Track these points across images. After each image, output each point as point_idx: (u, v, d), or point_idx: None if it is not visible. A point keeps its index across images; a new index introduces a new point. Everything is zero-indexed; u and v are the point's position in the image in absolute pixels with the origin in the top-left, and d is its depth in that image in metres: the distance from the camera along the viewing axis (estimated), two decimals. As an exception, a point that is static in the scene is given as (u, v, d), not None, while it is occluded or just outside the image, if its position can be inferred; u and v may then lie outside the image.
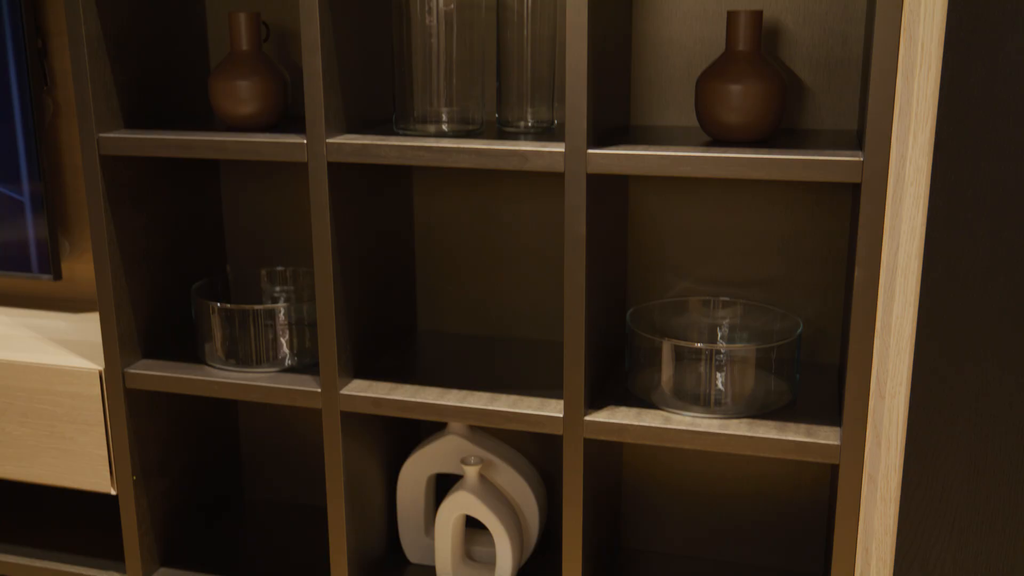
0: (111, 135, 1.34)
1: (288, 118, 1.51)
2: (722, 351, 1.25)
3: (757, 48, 1.21)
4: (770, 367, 1.27)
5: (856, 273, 1.12)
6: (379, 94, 1.40)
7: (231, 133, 1.33)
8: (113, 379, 1.43)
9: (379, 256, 1.44)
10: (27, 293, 1.80)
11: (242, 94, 1.35)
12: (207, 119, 1.50)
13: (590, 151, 1.17)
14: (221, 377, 1.39)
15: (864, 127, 1.11)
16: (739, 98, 1.18)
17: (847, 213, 1.38)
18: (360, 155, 1.25)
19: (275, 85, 1.37)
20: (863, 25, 1.31)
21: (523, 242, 1.51)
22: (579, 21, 1.14)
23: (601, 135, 1.25)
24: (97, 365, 1.45)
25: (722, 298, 1.42)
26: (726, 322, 1.42)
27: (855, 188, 1.23)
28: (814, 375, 1.38)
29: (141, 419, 1.47)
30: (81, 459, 1.48)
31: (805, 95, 1.35)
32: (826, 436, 1.19)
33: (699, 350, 1.26)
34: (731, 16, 1.21)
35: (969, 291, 1.09)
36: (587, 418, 1.25)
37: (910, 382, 1.12)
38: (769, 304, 1.42)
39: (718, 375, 1.25)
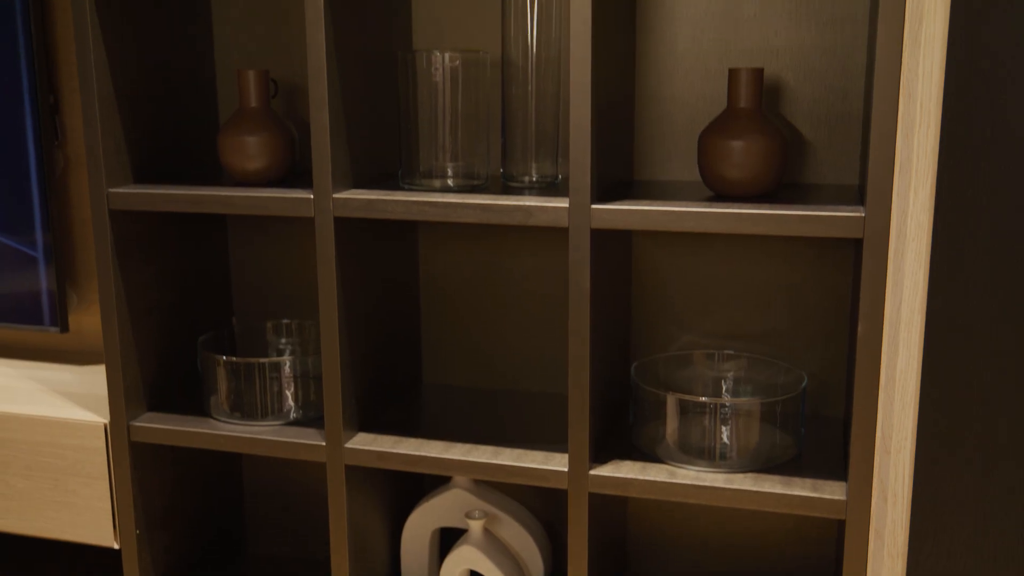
0: (120, 190, 1.36)
1: (295, 172, 1.53)
2: (727, 405, 1.25)
3: (758, 105, 1.23)
4: (775, 420, 1.27)
5: (859, 327, 1.12)
6: (385, 148, 1.42)
7: (239, 188, 1.35)
8: (118, 432, 1.43)
9: (384, 309, 1.44)
10: (34, 345, 1.81)
11: (250, 150, 1.37)
12: (215, 173, 1.52)
13: (594, 206, 1.18)
14: (226, 430, 1.39)
15: (865, 182, 1.12)
16: (741, 154, 1.20)
17: (849, 266, 1.38)
18: (366, 210, 1.26)
19: (283, 141, 1.39)
20: (863, 81, 1.33)
21: (528, 295, 1.52)
22: (583, 79, 1.16)
23: (605, 189, 1.26)
24: (102, 418, 1.46)
25: (726, 351, 1.43)
26: (730, 375, 1.42)
27: (857, 242, 1.24)
28: (819, 428, 1.38)
29: (145, 472, 1.47)
30: (84, 513, 1.48)
31: (807, 150, 1.37)
32: (832, 491, 1.19)
33: (704, 404, 1.26)
34: (732, 74, 1.22)
35: (973, 344, 1.09)
36: (592, 472, 1.25)
37: (915, 436, 1.11)
38: (773, 357, 1.42)
39: (723, 429, 1.25)
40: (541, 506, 1.58)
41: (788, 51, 1.35)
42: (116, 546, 1.47)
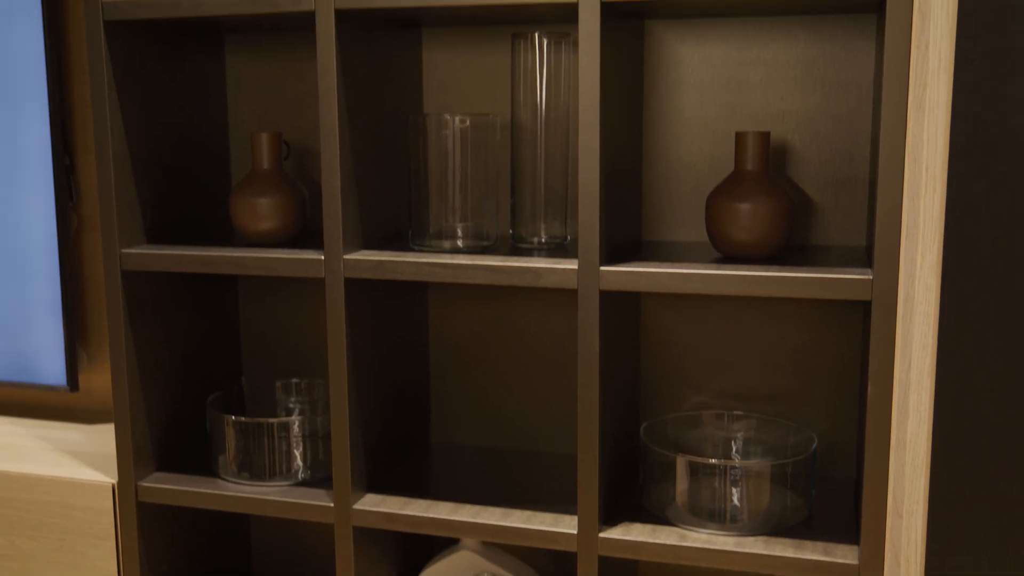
0: (133, 250, 1.37)
1: (306, 232, 1.54)
2: (737, 466, 1.25)
3: (765, 167, 1.24)
4: (785, 482, 1.26)
5: (869, 390, 1.12)
6: (396, 208, 1.44)
7: (250, 249, 1.36)
8: (126, 493, 1.42)
9: (394, 369, 1.45)
10: (43, 403, 1.81)
11: (262, 211, 1.38)
12: (227, 231, 1.54)
13: (603, 268, 1.19)
14: (234, 491, 1.39)
15: (873, 244, 1.13)
16: (748, 216, 1.21)
17: (858, 327, 1.39)
18: (376, 271, 1.27)
19: (294, 202, 1.40)
20: (869, 145, 1.34)
21: (537, 355, 1.52)
22: (591, 143, 1.17)
23: (613, 251, 1.27)
24: (110, 478, 1.45)
25: (736, 412, 1.42)
26: (740, 436, 1.42)
27: (866, 304, 1.24)
28: (830, 490, 1.37)
29: (153, 533, 1.46)
30: (90, 574, 1.47)
31: (814, 211, 1.38)
32: (844, 555, 1.18)
33: (714, 465, 1.25)
34: (739, 137, 1.24)
35: (983, 407, 1.09)
36: (601, 535, 1.24)
37: (927, 500, 1.11)
38: (783, 418, 1.42)
39: (733, 491, 1.25)
40: (551, 568, 1.57)
41: (794, 115, 1.36)
42: (121, 608, 1.46)
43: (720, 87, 1.38)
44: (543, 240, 1.35)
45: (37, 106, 1.58)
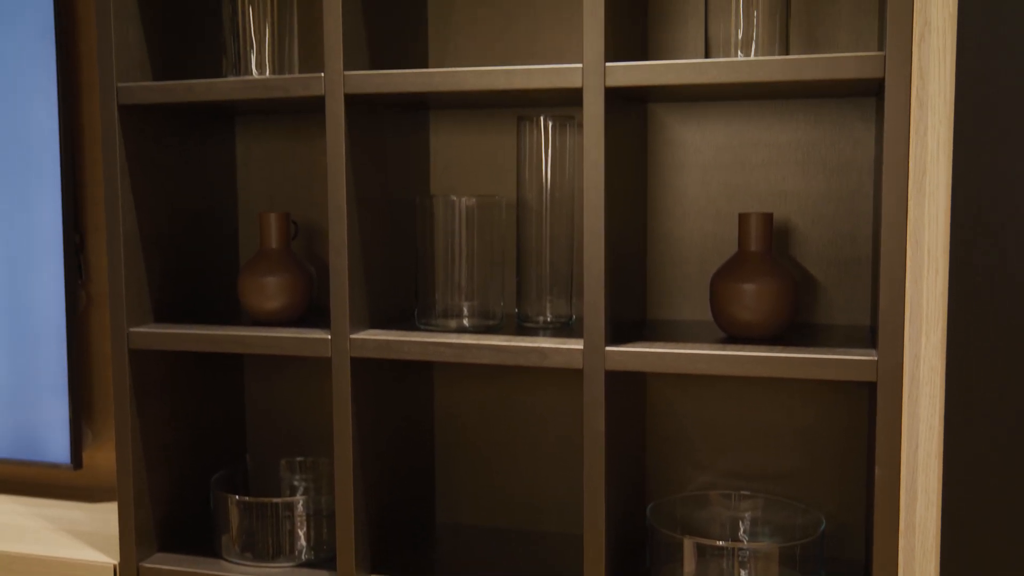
0: (141, 329, 1.38)
1: (313, 310, 1.55)
2: (745, 548, 1.23)
3: (768, 248, 1.25)
4: (794, 564, 1.25)
5: (876, 472, 1.11)
6: (402, 286, 1.45)
7: (257, 328, 1.37)
8: (127, 574, 1.41)
9: (399, 447, 1.44)
10: (45, 481, 1.80)
11: (269, 290, 1.39)
12: (234, 310, 1.55)
13: (608, 348, 1.19)
14: (236, 572, 1.37)
15: (877, 324, 1.13)
16: (752, 297, 1.21)
17: (864, 406, 1.38)
18: (383, 351, 1.28)
19: (301, 281, 1.42)
20: (870, 225, 1.35)
21: (543, 434, 1.52)
22: (596, 224, 1.19)
23: (618, 330, 1.27)
24: (112, 559, 1.44)
25: (743, 492, 1.41)
26: (748, 516, 1.40)
27: (871, 384, 1.24)
28: (839, 572, 1.35)
29: (153, 615, 1.45)
30: (89, 657, 1.44)
31: (817, 291, 1.38)
32: (855, 640, 1.16)
33: (721, 548, 1.24)
34: (742, 218, 1.25)
35: (992, 490, 1.08)
36: (608, 619, 1.22)
37: (938, 584, 1.09)
38: (790, 498, 1.41)
39: (742, 572, 1.23)
40: (556, 651, 1.54)
41: (797, 196, 1.38)
42: None
43: (723, 168, 1.41)
44: (548, 319, 1.36)
45: (50, 184, 1.60)
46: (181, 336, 1.36)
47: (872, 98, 1.35)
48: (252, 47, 1.37)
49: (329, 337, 1.30)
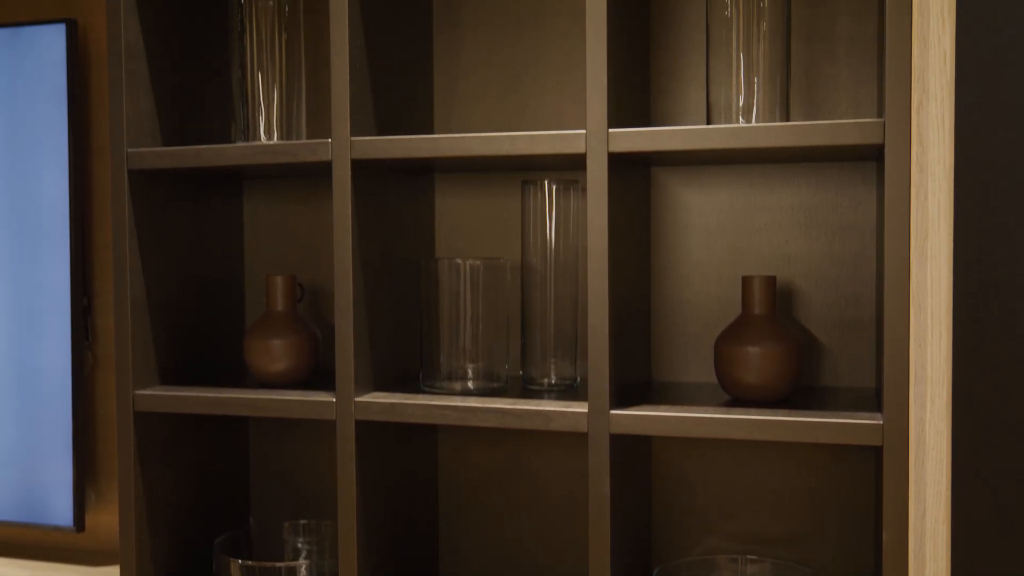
0: (146, 392, 1.38)
1: (318, 372, 1.55)
2: (752, 615, 1.22)
3: (772, 310, 1.26)
4: (803, 632, 1.23)
5: (884, 537, 1.11)
6: (407, 348, 1.45)
7: (262, 391, 1.37)
8: (128, 639, 1.40)
9: (403, 510, 1.44)
10: (47, 544, 1.79)
11: (275, 352, 1.40)
12: (240, 371, 1.55)
13: (612, 412, 1.19)
14: (238, 638, 1.36)
15: (882, 387, 1.13)
16: (757, 360, 1.22)
17: (871, 469, 1.37)
18: (387, 414, 1.28)
19: (307, 343, 1.42)
20: (873, 287, 1.36)
21: (547, 497, 1.51)
22: (600, 288, 1.19)
23: (623, 391, 1.27)
24: (113, 624, 1.43)
25: (750, 556, 1.40)
26: (755, 581, 1.39)
27: (877, 449, 1.24)
28: (849, 639, 1.34)
29: None
30: None
31: (822, 353, 1.39)
32: None
33: (728, 614, 1.23)
34: (746, 281, 1.26)
35: (1000, 557, 1.07)
36: None
37: (949, 653, 1.08)
38: (797, 563, 1.39)
39: (749, 640, 1.22)
40: None
41: (800, 258, 1.39)
42: None
43: (726, 231, 1.42)
44: (553, 381, 1.36)
45: (59, 246, 1.62)
46: (186, 399, 1.36)
47: (873, 162, 1.36)
48: (261, 112, 1.40)
49: (334, 400, 1.30)
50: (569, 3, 1.47)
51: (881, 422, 1.10)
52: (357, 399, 1.29)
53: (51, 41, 1.61)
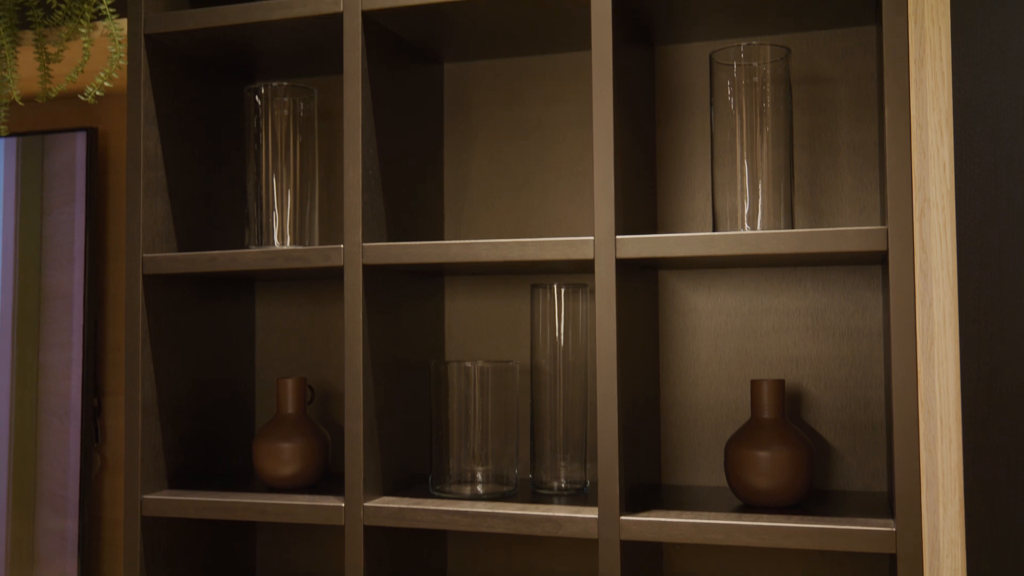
0: (154, 496, 1.38)
1: (327, 475, 1.54)
2: None
3: (781, 414, 1.26)
4: None
5: (901, 648, 1.09)
6: (416, 452, 1.45)
7: (270, 495, 1.36)
8: None
9: (411, 618, 1.41)
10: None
11: (284, 456, 1.40)
12: (248, 473, 1.54)
13: (623, 518, 1.18)
14: None
15: (894, 492, 1.12)
16: (767, 465, 1.21)
17: (886, 574, 1.35)
18: (396, 519, 1.27)
19: (317, 446, 1.42)
20: (882, 389, 1.36)
21: (557, 602, 1.49)
22: (609, 392, 1.20)
23: (633, 495, 1.27)
24: None
25: (764, 666, 1.37)
26: None
27: (891, 555, 1.22)
28: None
29: None
30: None
31: (833, 456, 1.38)
32: None
33: None
34: (755, 385, 1.26)
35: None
36: None
37: None
38: (814, 673, 1.36)
39: None
40: None
41: (808, 361, 1.39)
42: None
43: (734, 334, 1.42)
44: (563, 485, 1.35)
45: (71, 347, 1.63)
46: (193, 504, 1.36)
47: (878, 266, 1.38)
48: (275, 215, 1.42)
49: (343, 505, 1.30)
50: (576, 112, 1.51)
51: (894, 529, 1.09)
52: (366, 504, 1.28)
53: (73, 148, 1.65)
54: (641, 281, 1.36)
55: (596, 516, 1.20)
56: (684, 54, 1.46)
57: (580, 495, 1.34)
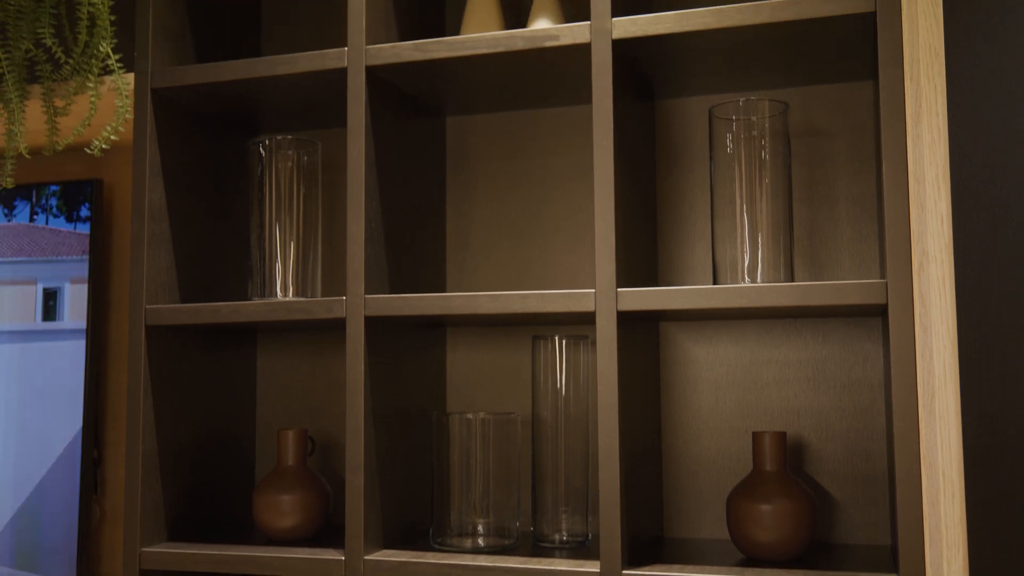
0: (154, 549, 1.37)
1: (328, 527, 1.54)
2: None
3: (783, 466, 1.26)
4: None
5: None
6: (417, 504, 1.44)
7: (270, 548, 1.36)
8: None
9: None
10: None
11: (284, 508, 1.39)
12: (248, 524, 1.54)
13: (625, 572, 1.18)
14: None
15: (897, 546, 1.12)
16: (769, 518, 1.21)
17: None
18: (397, 573, 1.26)
19: (317, 498, 1.41)
20: (884, 441, 1.36)
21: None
22: (611, 444, 1.20)
23: (635, 548, 1.26)
24: None
25: None
26: None
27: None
28: None
29: None
30: None
31: (835, 509, 1.37)
32: None
33: None
34: (756, 437, 1.26)
35: None
36: None
37: None
38: None
39: None
40: None
41: (809, 413, 1.39)
42: None
43: (735, 385, 1.43)
44: (564, 538, 1.35)
45: (72, 402, 1.63)
46: (192, 556, 1.35)
47: (878, 318, 1.38)
48: (277, 266, 1.43)
49: (343, 558, 1.29)
50: (575, 164, 1.53)
51: (898, 584, 1.09)
52: (367, 557, 1.28)
53: (78, 199, 1.67)
54: (642, 333, 1.37)
55: (598, 570, 1.19)
56: (684, 108, 1.48)
57: (582, 548, 1.33)
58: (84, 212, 1.67)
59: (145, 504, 1.39)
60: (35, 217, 1.70)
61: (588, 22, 1.25)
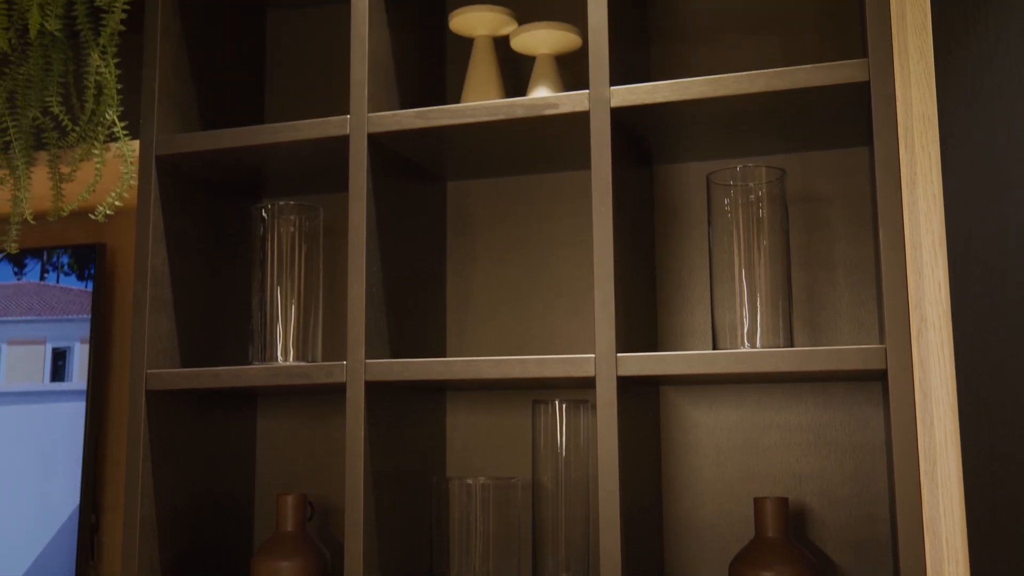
0: (151, 617, 1.36)
1: (325, 594, 1.52)
2: None
3: (785, 533, 1.25)
4: None
5: None
6: (416, 568, 1.43)
7: (269, 615, 1.34)
8: None
9: None
10: None
11: (283, 575, 1.38)
12: (245, 595, 1.52)
13: (627, 641, 1.16)
14: None
15: (902, 618, 1.11)
16: (773, 585, 1.20)
17: None
18: (396, 642, 1.25)
19: (316, 565, 1.40)
20: (887, 506, 1.35)
21: None
22: (612, 508, 1.19)
23: (637, 621, 1.25)
24: None
25: None
26: None
27: None
28: None
29: None
30: None
31: (838, 575, 1.36)
32: None
33: None
34: (758, 503, 1.26)
35: None
36: None
37: None
38: None
39: None
40: None
41: (811, 477, 1.39)
42: None
43: (736, 450, 1.42)
44: (565, 606, 1.33)
45: (70, 470, 1.63)
46: (191, 624, 1.33)
47: (878, 383, 1.38)
48: (279, 331, 1.44)
49: (342, 627, 1.27)
50: (574, 228, 1.54)
51: (903, 654, 1.07)
52: (365, 626, 1.26)
53: (90, 256, 1.68)
54: (642, 397, 1.37)
55: (599, 639, 1.18)
56: (682, 173, 1.50)
57: (583, 616, 1.32)
58: (94, 270, 1.68)
59: (142, 571, 1.37)
60: (45, 275, 1.71)
61: (587, 91, 1.27)
